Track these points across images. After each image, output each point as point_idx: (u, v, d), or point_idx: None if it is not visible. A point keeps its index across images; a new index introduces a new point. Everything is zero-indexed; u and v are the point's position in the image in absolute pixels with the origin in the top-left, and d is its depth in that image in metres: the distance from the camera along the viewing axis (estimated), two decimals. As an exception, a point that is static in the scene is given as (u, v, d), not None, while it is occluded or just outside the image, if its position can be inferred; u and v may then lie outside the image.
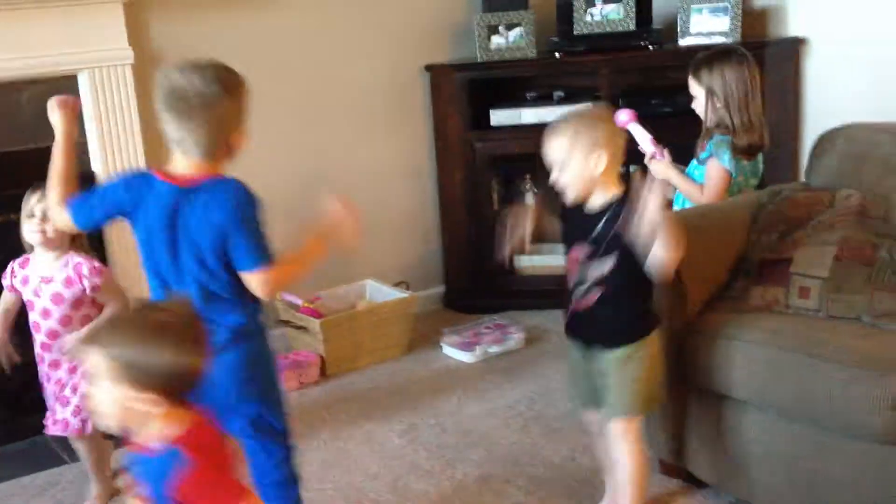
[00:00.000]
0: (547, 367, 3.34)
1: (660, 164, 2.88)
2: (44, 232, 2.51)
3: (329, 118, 3.80)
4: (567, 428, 2.87)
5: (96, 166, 3.24)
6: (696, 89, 2.82)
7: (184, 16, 3.40)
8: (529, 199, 4.02)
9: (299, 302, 3.53)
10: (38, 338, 2.56)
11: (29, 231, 2.54)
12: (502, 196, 4.03)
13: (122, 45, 3.21)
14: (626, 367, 2.19)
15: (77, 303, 2.53)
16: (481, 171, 3.89)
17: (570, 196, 2.18)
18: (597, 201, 2.17)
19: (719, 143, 2.74)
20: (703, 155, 2.80)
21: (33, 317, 2.58)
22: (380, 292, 3.73)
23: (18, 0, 2.98)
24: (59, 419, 2.55)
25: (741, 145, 2.74)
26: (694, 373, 2.38)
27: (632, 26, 3.82)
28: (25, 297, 2.58)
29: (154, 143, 3.37)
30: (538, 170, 4.15)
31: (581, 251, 2.19)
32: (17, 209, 2.99)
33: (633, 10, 3.81)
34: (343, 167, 3.79)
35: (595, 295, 2.19)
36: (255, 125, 3.78)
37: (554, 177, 2.17)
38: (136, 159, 3.28)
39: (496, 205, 3.98)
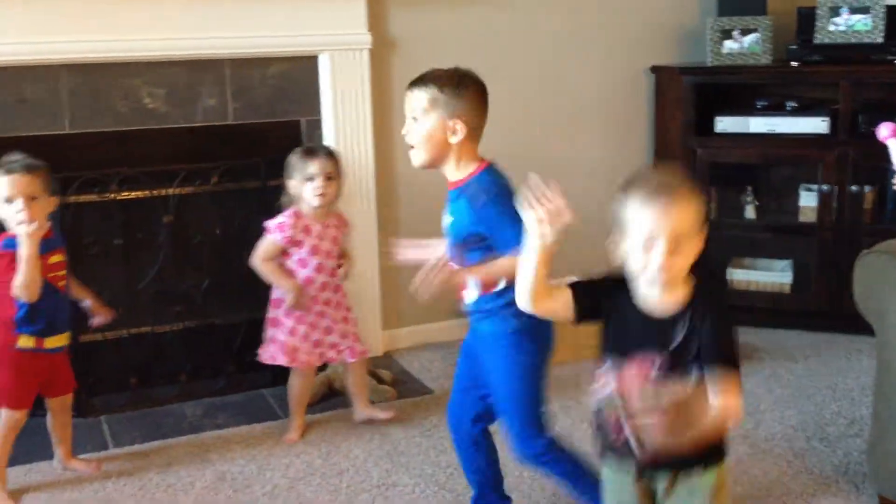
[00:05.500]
0: (756, 386, 3.22)
1: None
2: (324, 194, 2.83)
3: (548, 112, 3.82)
4: (776, 449, 2.76)
5: (327, 144, 3.40)
6: None
7: (421, 5, 3.51)
8: (749, 211, 3.88)
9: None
10: (319, 278, 2.87)
11: (311, 190, 2.83)
12: (719, 205, 3.91)
13: (361, 29, 3.35)
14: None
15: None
16: (700, 178, 3.78)
17: (667, 280, 1.67)
18: (668, 301, 1.70)
19: None
20: None
21: (318, 259, 2.87)
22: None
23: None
24: (343, 348, 2.94)
25: None
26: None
27: (880, 39, 3.60)
28: (309, 244, 2.86)
29: (383, 127, 3.51)
30: (760, 181, 4.04)
31: (647, 364, 1.67)
32: (272, 175, 3.22)
33: (883, 21, 3.60)
34: (556, 162, 3.78)
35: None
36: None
37: (669, 252, 1.64)
38: (365, 141, 3.42)
39: (712, 213, 3.87)
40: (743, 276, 3.84)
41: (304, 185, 2.83)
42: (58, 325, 2.55)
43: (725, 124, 3.72)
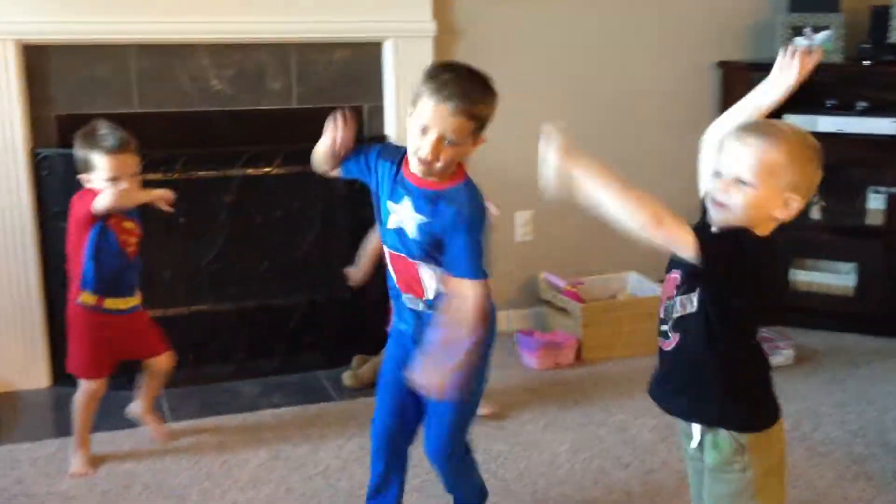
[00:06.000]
0: (816, 389, 3.16)
1: None
2: None
3: (611, 106, 3.78)
4: (835, 454, 2.71)
5: (389, 130, 3.41)
6: None
7: (488, -4, 3.50)
8: (815, 212, 3.80)
9: (562, 284, 3.56)
10: None
11: None
12: (783, 205, 3.84)
13: (426, 17, 3.36)
14: (720, 476, 1.69)
15: None
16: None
17: (724, 219, 1.64)
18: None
19: None
20: None
21: None
22: (641, 287, 3.68)
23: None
24: None
25: None
26: None
27: (957, 38, 3.51)
28: None
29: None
30: (827, 182, 3.91)
31: (675, 276, 1.70)
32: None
33: (961, 21, 3.50)
34: (618, 156, 3.73)
35: (672, 341, 1.70)
36: (541, 106, 3.83)
37: (722, 188, 1.63)
38: (426, 127, 3.42)
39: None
40: (805, 277, 3.76)
41: None
42: (122, 288, 2.59)
43: (793, 123, 3.64)
